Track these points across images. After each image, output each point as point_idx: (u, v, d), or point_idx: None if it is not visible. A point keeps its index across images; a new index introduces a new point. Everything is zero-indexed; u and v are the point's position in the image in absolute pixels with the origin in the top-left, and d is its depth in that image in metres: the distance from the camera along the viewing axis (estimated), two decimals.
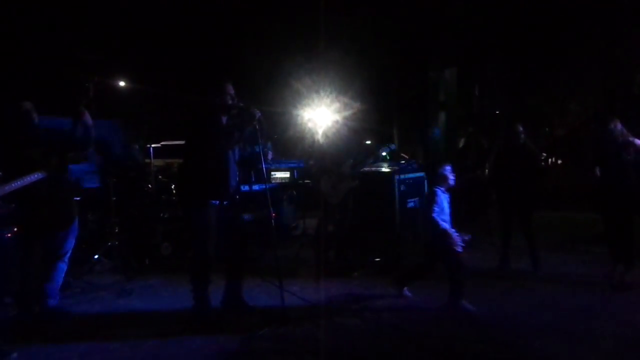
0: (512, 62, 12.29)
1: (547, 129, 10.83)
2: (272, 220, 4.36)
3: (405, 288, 4.74)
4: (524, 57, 12.44)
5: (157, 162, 9.47)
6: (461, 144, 10.76)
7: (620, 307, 4.26)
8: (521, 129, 5.59)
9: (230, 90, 4.16)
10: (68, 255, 4.28)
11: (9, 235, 4.28)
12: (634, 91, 9.98)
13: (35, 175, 3.80)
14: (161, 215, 6.57)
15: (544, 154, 9.56)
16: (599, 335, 3.66)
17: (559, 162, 11.49)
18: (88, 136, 4.10)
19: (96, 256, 5.94)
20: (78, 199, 5.45)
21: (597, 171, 5.03)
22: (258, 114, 4.08)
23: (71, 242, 4.26)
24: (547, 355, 3.43)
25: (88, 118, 4.11)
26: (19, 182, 3.70)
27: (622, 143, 4.81)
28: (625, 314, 4.08)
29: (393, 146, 10.97)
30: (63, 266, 4.27)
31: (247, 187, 6.69)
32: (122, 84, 14.19)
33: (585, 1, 11.55)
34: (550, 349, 3.49)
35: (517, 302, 4.52)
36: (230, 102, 4.13)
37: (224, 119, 4.16)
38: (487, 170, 6.20)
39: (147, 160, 7.25)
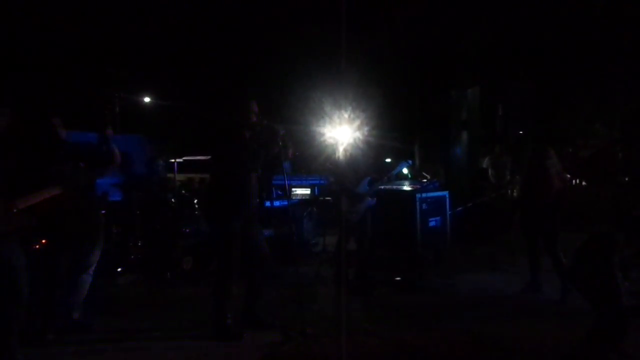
0: (536, 82, 12.20)
1: (570, 150, 10.69)
2: (294, 237, 4.38)
3: None
4: (548, 76, 12.35)
5: (179, 177, 9.62)
6: (485, 163, 10.66)
7: None
8: (547, 151, 5.47)
9: (255, 107, 4.23)
10: (93, 268, 4.35)
11: (37, 247, 4.37)
12: None
13: (52, 188, 3.84)
14: (183, 229, 6.64)
15: (569, 175, 9.42)
16: None
17: (583, 183, 11.31)
18: (113, 151, 4.19)
19: (119, 269, 6.01)
20: (103, 212, 5.56)
21: None
22: (282, 131, 4.13)
23: (96, 255, 4.33)
24: None
25: (111, 134, 4.20)
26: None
27: None
28: None
29: (410, 161, 10.94)
30: (88, 279, 4.34)
31: (268, 203, 6.74)
32: (147, 99, 14.49)
33: (610, 22, 11.46)
34: None
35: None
36: (254, 119, 4.19)
37: (248, 136, 4.22)
38: (511, 190, 6.14)
39: (171, 175, 7.36)
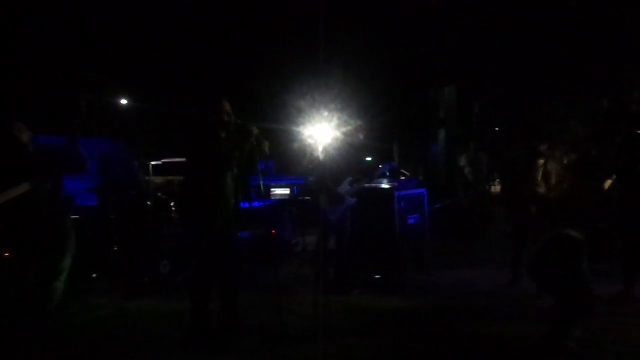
0: (512, 80, 12.35)
1: (546, 147, 10.81)
2: (272, 238, 4.34)
3: None
4: (524, 74, 12.50)
5: (158, 180, 9.48)
6: (462, 161, 10.75)
7: None
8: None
9: (228, 107, 4.17)
10: (65, 274, 4.24)
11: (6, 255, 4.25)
12: (632, 109, 10.00)
13: (21, 187, 3.72)
14: (160, 233, 6.53)
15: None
16: None
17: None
18: (81, 155, 4.08)
19: (94, 275, 5.89)
20: (77, 217, 5.44)
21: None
22: (255, 130, 4.09)
23: (67, 262, 4.22)
24: None
25: (79, 136, 4.10)
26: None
27: None
28: None
29: (394, 164, 10.99)
30: (59, 286, 4.23)
31: (247, 204, 6.67)
32: (123, 102, 14.29)
33: (584, 21, 11.66)
34: None
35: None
36: (227, 119, 4.13)
37: (222, 137, 4.16)
38: (489, 187, 6.18)
39: (147, 178, 7.24)
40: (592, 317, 3.84)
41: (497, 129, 11.08)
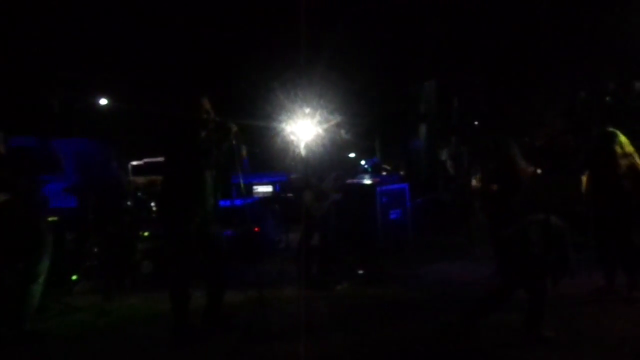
0: (491, 74, 12.49)
1: (527, 139, 10.98)
2: (253, 236, 4.33)
3: None
4: (502, 68, 12.66)
5: (140, 180, 9.37)
6: (443, 155, 10.83)
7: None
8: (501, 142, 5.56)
9: (206, 104, 4.14)
10: (43, 277, 4.18)
11: None
12: (607, 101, 10.18)
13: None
14: (141, 233, 6.46)
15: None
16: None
17: (539, 171, 11.63)
18: (55, 156, 4.02)
19: (74, 277, 5.81)
20: (55, 218, 5.36)
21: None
22: (234, 127, 4.07)
23: (44, 264, 4.16)
24: None
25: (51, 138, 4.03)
26: None
27: None
28: None
29: (376, 159, 11.03)
30: (37, 288, 4.17)
31: (228, 202, 6.64)
32: (102, 101, 14.09)
33: (559, 16, 11.84)
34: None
35: None
36: (205, 116, 4.11)
37: (201, 135, 4.14)
38: (469, 180, 6.22)
39: (127, 178, 7.16)
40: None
41: (476, 122, 11.20)
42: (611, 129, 4.86)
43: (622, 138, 4.71)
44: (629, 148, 4.70)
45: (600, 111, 9.94)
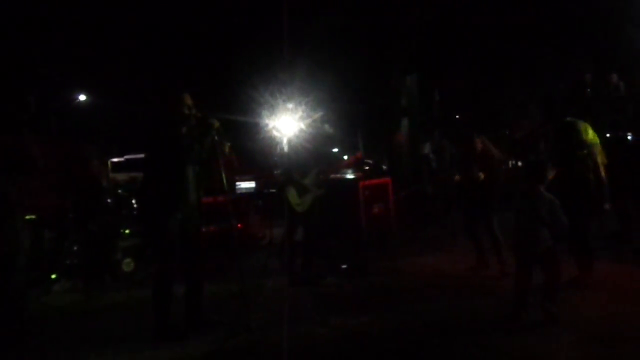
0: (471, 68, 12.58)
1: (506, 132, 11.11)
2: (236, 232, 4.30)
3: None
4: (483, 61, 12.75)
5: (121, 176, 9.27)
6: (426, 149, 10.89)
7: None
8: (478, 136, 5.63)
9: (188, 100, 4.10)
10: (21, 275, 4.10)
11: None
12: (586, 93, 10.35)
13: None
14: (122, 230, 6.40)
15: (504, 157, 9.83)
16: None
17: (519, 164, 11.80)
18: (32, 155, 3.93)
19: (53, 276, 5.73)
20: (33, 217, 5.27)
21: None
22: (217, 123, 4.03)
23: (20, 262, 4.08)
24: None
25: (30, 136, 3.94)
26: None
27: None
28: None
29: (358, 152, 11.03)
30: (14, 286, 4.09)
31: (211, 198, 6.60)
32: (82, 97, 13.86)
33: (538, 11, 11.95)
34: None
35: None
36: (187, 112, 4.06)
37: (183, 130, 4.09)
38: (453, 174, 6.26)
39: (108, 175, 7.08)
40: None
41: (457, 116, 11.29)
42: (569, 119, 4.90)
43: (583, 127, 4.75)
44: (591, 137, 4.74)
45: (579, 103, 10.08)
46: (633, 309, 3.98)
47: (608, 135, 6.58)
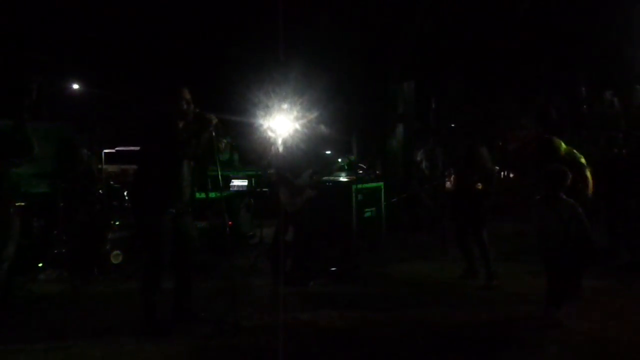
0: (469, 77, 12.65)
1: (500, 143, 11.20)
2: (228, 229, 4.29)
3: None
4: (478, 73, 12.83)
5: (112, 168, 9.19)
6: (419, 156, 10.93)
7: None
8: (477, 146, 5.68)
9: (186, 95, 4.08)
10: (7, 263, 4.06)
11: None
12: (583, 110, 10.44)
13: None
14: (112, 222, 6.35)
15: (497, 167, 9.93)
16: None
17: (511, 175, 11.93)
18: (28, 140, 3.89)
19: (40, 264, 5.67)
20: (22, 204, 5.21)
21: None
22: (214, 120, 4.02)
23: (10, 249, 4.04)
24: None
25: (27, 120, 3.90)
26: None
27: None
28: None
29: (352, 157, 11.05)
30: (2, 275, 4.05)
31: (203, 195, 6.58)
32: (75, 86, 13.75)
33: (536, 23, 12.06)
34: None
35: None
36: (185, 107, 4.05)
37: (180, 125, 4.07)
38: (444, 182, 6.30)
39: (99, 166, 7.02)
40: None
41: (452, 125, 11.35)
42: (547, 137, 5.02)
43: (561, 146, 4.86)
44: (569, 154, 4.84)
45: (573, 118, 10.17)
46: (616, 325, 4.03)
47: (602, 151, 6.65)
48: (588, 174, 4.77)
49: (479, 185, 5.45)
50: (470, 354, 3.66)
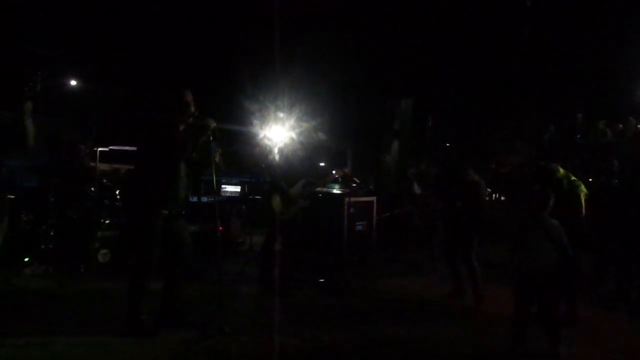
0: (466, 98, 12.79)
1: (493, 166, 11.28)
2: (218, 234, 4.28)
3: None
4: (476, 93, 12.98)
5: (104, 167, 9.13)
6: (409, 174, 10.95)
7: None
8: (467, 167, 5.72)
9: (189, 97, 4.09)
10: None
11: None
12: (577, 138, 10.56)
13: None
14: (102, 220, 6.31)
15: (488, 189, 10.00)
16: None
17: (502, 198, 11.98)
18: (25, 131, 3.87)
19: (26, 259, 5.62)
20: (12, 197, 5.17)
21: None
22: (213, 124, 4.03)
23: None
24: None
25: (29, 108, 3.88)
26: None
27: None
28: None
29: (346, 168, 11.09)
30: None
31: (195, 199, 6.56)
32: (73, 82, 13.72)
33: (534, 51, 12.25)
34: None
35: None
36: (186, 109, 4.05)
37: (180, 127, 4.08)
38: (437, 200, 6.32)
39: (92, 164, 6.99)
40: None
41: (447, 144, 11.44)
42: (544, 164, 5.09)
43: (559, 171, 4.91)
44: (567, 179, 4.90)
45: (566, 145, 10.28)
46: (600, 352, 4.06)
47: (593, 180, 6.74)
48: (582, 200, 4.82)
49: (458, 204, 5.49)
50: None
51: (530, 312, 3.94)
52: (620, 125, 10.05)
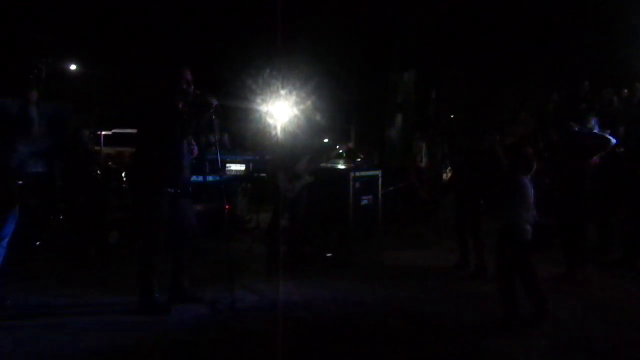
0: (468, 71, 12.64)
1: (498, 137, 11.21)
2: (226, 213, 4.31)
3: None
4: (479, 66, 12.82)
5: (108, 150, 9.16)
6: (413, 148, 10.94)
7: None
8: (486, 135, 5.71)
9: (188, 76, 4.08)
10: (7, 240, 4.09)
11: None
12: (582, 107, 10.43)
13: None
14: (109, 203, 6.36)
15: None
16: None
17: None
18: (31, 119, 3.89)
19: (38, 243, 5.70)
20: (20, 182, 5.21)
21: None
22: (215, 102, 4.03)
23: (10, 227, 4.06)
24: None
25: (35, 96, 3.90)
26: None
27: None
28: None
29: (350, 143, 11.07)
30: (1, 252, 4.08)
31: (201, 178, 6.59)
32: (73, 67, 13.66)
33: (538, 16, 12.03)
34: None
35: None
36: (186, 88, 4.05)
37: (180, 106, 4.08)
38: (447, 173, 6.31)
39: (97, 148, 7.02)
40: None
41: (452, 116, 11.36)
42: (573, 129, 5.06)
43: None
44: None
45: (573, 112, 10.16)
46: (604, 318, 4.11)
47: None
48: None
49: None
50: (452, 341, 3.71)
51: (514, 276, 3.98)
52: (626, 91, 9.92)
